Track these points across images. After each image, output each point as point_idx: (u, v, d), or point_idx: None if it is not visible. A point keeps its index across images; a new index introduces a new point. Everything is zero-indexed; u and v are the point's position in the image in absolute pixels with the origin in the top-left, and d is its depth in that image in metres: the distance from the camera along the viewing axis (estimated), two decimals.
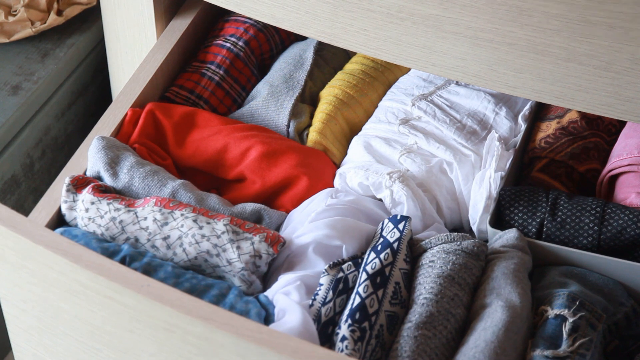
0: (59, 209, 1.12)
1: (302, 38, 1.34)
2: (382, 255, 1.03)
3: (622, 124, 1.22)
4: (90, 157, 1.15)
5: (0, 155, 1.47)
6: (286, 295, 1.02)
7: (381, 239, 1.06)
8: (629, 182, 1.14)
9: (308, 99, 1.27)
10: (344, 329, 0.98)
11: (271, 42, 1.33)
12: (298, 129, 1.23)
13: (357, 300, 1.00)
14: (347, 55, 1.33)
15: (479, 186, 1.14)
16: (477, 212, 1.12)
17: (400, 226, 1.07)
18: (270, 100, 1.24)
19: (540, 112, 1.25)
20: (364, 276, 1.02)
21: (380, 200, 1.15)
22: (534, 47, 1.01)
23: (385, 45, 1.10)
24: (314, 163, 1.18)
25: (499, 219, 1.12)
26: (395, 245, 1.05)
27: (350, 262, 1.05)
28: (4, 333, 1.32)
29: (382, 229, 1.08)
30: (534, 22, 1.00)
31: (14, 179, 1.51)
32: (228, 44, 1.29)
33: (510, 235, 1.08)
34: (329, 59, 1.32)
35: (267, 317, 1.02)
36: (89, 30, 1.58)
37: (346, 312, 0.99)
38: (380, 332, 0.99)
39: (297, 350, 0.87)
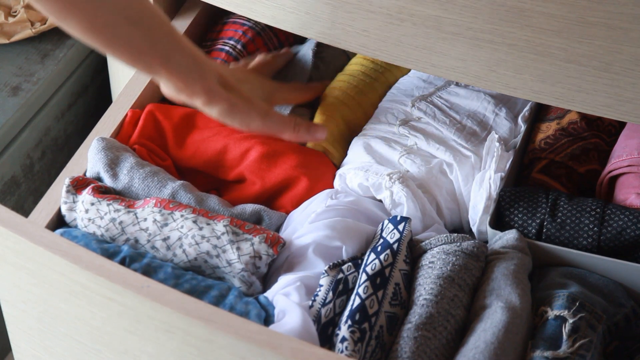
0: (59, 210, 1.12)
1: (302, 40, 1.34)
2: (382, 256, 1.03)
3: (621, 124, 1.22)
4: (90, 158, 1.15)
5: (0, 156, 1.47)
6: (286, 296, 1.02)
7: (381, 240, 1.06)
8: (628, 183, 1.14)
9: None
10: (343, 330, 0.98)
11: (269, 44, 1.33)
12: None
13: (357, 301, 1.00)
14: (347, 56, 1.33)
15: (478, 187, 1.14)
16: (477, 213, 1.12)
17: (400, 227, 1.06)
18: None
19: (540, 113, 1.25)
20: (363, 277, 1.02)
21: (380, 201, 1.15)
22: (534, 48, 1.01)
23: (385, 46, 1.10)
24: (313, 164, 1.18)
25: (498, 220, 1.12)
26: (395, 246, 1.05)
27: (350, 263, 1.05)
28: (4, 334, 1.32)
29: (382, 230, 1.08)
30: (534, 22, 1.00)
31: (14, 179, 1.51)
32: (227, 47, 1.29)
33: (510, 236, 1.08)
34: (329, 60, 1.32)
35: (267, 318, 1.02)
36: None
37: (346, 313, 0.99)
38: (380, 333, 0.99)
39: (297, 351, 0.87)
